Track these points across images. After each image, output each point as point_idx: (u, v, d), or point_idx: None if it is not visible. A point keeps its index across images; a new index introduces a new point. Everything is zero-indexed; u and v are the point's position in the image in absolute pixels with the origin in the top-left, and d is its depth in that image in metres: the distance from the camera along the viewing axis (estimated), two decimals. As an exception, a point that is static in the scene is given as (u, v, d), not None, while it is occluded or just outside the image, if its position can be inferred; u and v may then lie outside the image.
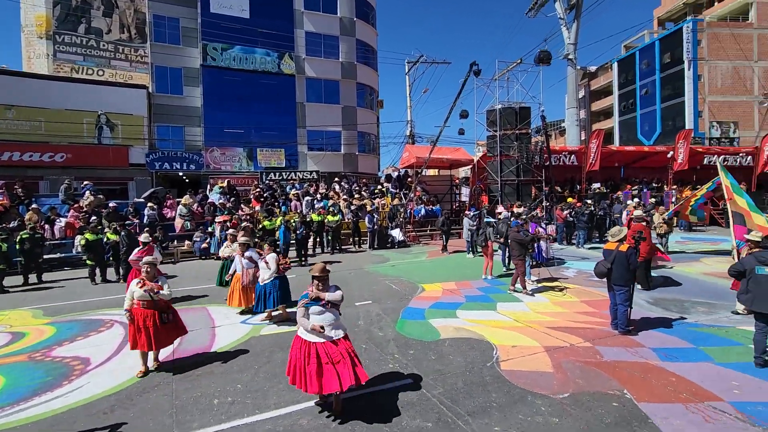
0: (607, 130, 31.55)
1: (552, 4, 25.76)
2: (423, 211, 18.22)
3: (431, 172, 26.46)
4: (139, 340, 4.87)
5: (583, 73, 46.26)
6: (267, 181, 21.55)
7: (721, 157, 19.75)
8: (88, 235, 10.64)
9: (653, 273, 9.06)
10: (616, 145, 34.12)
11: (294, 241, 13.25)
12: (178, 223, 14.95)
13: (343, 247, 15.33)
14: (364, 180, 24.28)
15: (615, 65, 42.73)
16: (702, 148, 23.23)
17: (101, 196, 15.08)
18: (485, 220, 11.34)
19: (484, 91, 20.52)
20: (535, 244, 10.29)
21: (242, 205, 16.18)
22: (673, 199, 18.01)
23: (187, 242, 14.43)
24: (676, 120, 34.11)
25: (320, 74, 26.42)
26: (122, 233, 10.68)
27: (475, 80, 18.51)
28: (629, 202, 16.36)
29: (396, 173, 22.20)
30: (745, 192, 7.87)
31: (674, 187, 19.85)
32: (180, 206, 15.21)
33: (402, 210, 16.85)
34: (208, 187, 19.61)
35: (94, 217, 12.78)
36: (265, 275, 6.65)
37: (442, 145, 20.47)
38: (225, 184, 18.00)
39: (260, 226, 13.90)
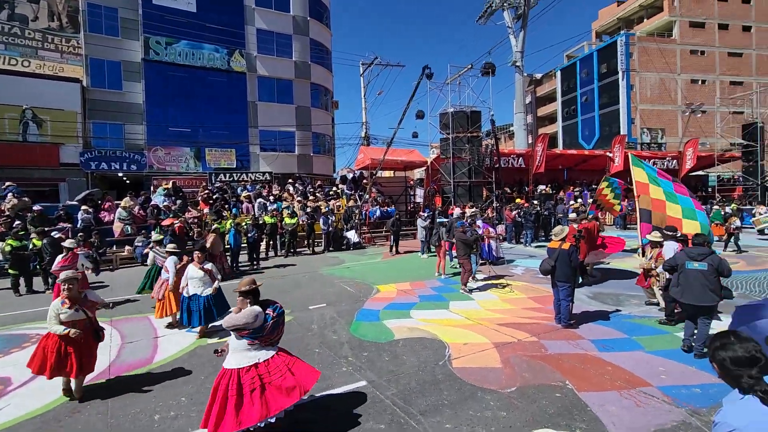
0: (551, 135, 33.40)
1: (501, 13, 26.90)
2: (378, 213, 18.29)
3: (386, 173, 26.64)
4: (65, 366, 4.25)
5: (529, 80, 48.63)
6: (217, 183, 20.71)
7: (652, 161, 21.50)
8: (10, 242, 9.67)
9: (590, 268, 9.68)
10: (560, 149, 36.19)
11: (245, 245, 12.82)
12: (117, 227, 13.95)
13: (297, 249, 15.04)
14: (318, 181, 23.94)
15: (558, 74, 45.27)
16: (635, 152, 25.15)
17: (26, 199, 13.77)
18: (438, 220, 11.60)
19: (437, 95, 21.07)
20: (484, 244, 10.66)
21: (189, 208, 15.42)
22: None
23: (127, 248, 13.49)
24: (612, 126, 36.72)
25: (273, 73, 25.76)
26: (44, 241, 9.76)
27: (428, 83, 18.92)
28: (572, 202, 17.37)
29: (351, 174, 22.16)
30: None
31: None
32: (119, 209, 14.21)
33: (357, 211, 16.82)
34: (152, 188, 18.50)
35: (17, 222, 11.64)
36: (208, 289, 6.14)
37: (396, 147, 20.71)
38: (170, 185, 17.08)
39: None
